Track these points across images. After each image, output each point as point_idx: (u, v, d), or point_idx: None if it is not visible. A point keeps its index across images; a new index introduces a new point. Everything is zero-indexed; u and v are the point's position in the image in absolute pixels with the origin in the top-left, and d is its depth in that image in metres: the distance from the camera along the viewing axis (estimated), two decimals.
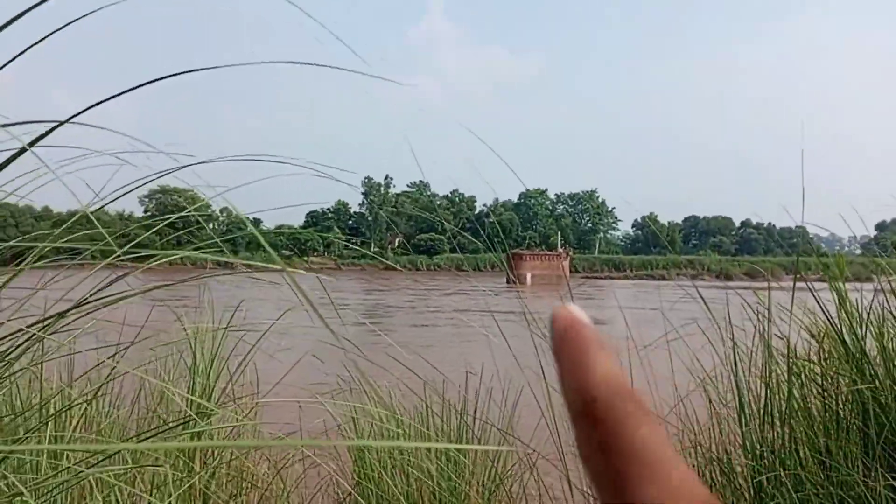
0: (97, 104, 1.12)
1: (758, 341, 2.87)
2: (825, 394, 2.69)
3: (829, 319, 2.76)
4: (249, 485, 3.07)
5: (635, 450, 0.26)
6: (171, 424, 2.74)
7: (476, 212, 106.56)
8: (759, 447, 2.65)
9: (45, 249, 1.52)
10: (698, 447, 2.89)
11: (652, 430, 0.27)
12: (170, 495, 2.41)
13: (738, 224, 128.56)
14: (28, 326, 1.36)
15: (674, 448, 0.27)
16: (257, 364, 3.14)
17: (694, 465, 2.88)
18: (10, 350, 1.41)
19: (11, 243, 1.46)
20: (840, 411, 2.64)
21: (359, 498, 3.03)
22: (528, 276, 61.97)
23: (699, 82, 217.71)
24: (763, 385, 2.72)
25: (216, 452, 2.89)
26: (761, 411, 2.69)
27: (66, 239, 1.53)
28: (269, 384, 3.20)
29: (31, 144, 1.18)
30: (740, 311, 3.07)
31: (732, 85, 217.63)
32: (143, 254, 1.48)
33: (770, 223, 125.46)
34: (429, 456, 3.09)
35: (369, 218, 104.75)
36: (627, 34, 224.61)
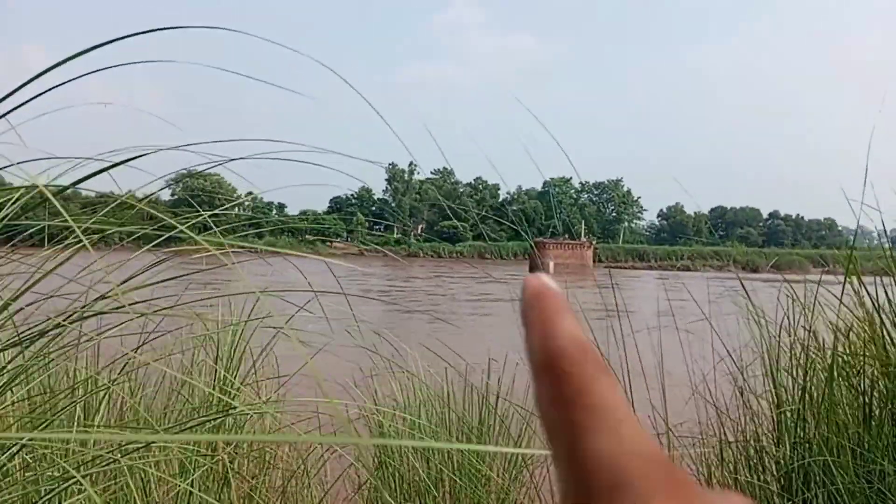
0: (76, 55, 1.11)
1: (788, 333, 2.83)
2: (859, 385, 2.65)
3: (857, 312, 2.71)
4: (270, 465, 3.11)
5: (593, 403, 0.26)
6: (196, 407, 2.78)
7: (500, 200, 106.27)
8: (793, 436, 2.62)
9: (76, 232, 1.53)
10: (725, 435, 2.86)
11: (610, 387, 0.27)
12: (192, 474, 2.45)
13: (765, 215, 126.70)
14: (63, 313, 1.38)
15: (628, 405, 0.27)
16: (280, 351, 3.17)
17: (721, 453, 2.86)
18: (52, 329, 1.43)
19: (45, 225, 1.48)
20: (871, 402, 2.60)
21: (379, 484, 3.05)
22: (551, 264, 61.67)
23: (729, 70, 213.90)
24: (802, 373, 2.68)
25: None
26: (795, 401, 2.66)
27: (93, 221, 1.55)
28: (292, 370, 3.22)
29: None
30: (770, 303, 3.03)
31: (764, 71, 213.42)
32: (165, 236, 1.49)
33: (799, 215, 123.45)
34: (450, 441, 3.10)
35: (393, 204, 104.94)
36: (658, 21, 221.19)
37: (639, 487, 0.24)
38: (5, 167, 1.32)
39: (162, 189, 1.70)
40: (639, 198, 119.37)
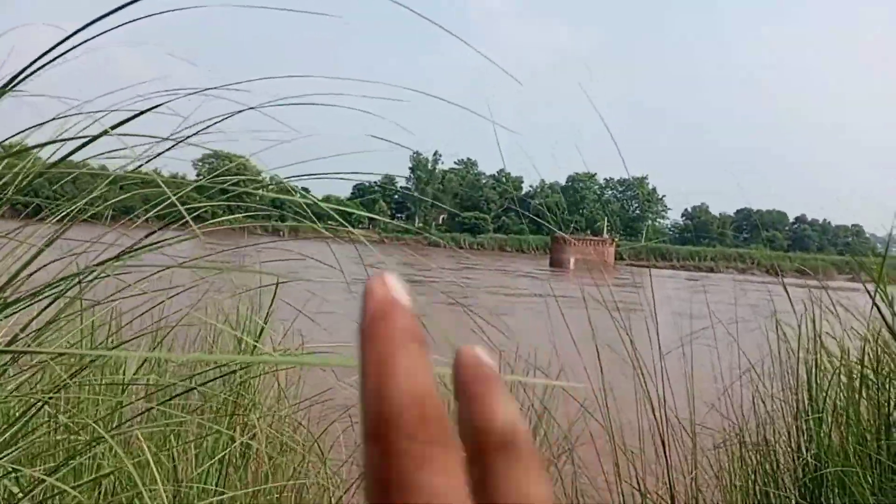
0: (94, 21, 1.11)
1: (812, 339, 2.79)
2: (880, 394, 2.61)
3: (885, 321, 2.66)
4: (288, 447, 3.13)
5: (399, 362, 0.24)
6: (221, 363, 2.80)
7: (522, 192, 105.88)
8: (813, 445, 2.59)
9: (101, 207, 1.56)
10: (743, 443, 2.84)
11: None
12: (210, 457, 2.49)
13: (792, 219, 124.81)
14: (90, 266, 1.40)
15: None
16: (301, 330, 3.19)
17: (739, 459, 2.84)
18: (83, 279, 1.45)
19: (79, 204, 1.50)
20: (892, 412, 2.56)
21: None
22: (572, 260, 61.30)
23: (764, 70, 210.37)
24: (824, 380, 2.65)
25: (258, 419, 2.96)
26: (817, 409, 2.63)
27: (121, 199, 1.57)
28: (311, 348, 3.24)
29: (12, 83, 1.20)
30: (793, 309, 2.99)
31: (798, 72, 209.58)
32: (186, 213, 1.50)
33: (826, 220, 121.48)
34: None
35: (415, 193, 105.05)
36: (693, 14, 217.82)
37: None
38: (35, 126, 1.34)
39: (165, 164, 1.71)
40: (663, 196, 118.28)
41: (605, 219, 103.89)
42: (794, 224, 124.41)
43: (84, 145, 1.31)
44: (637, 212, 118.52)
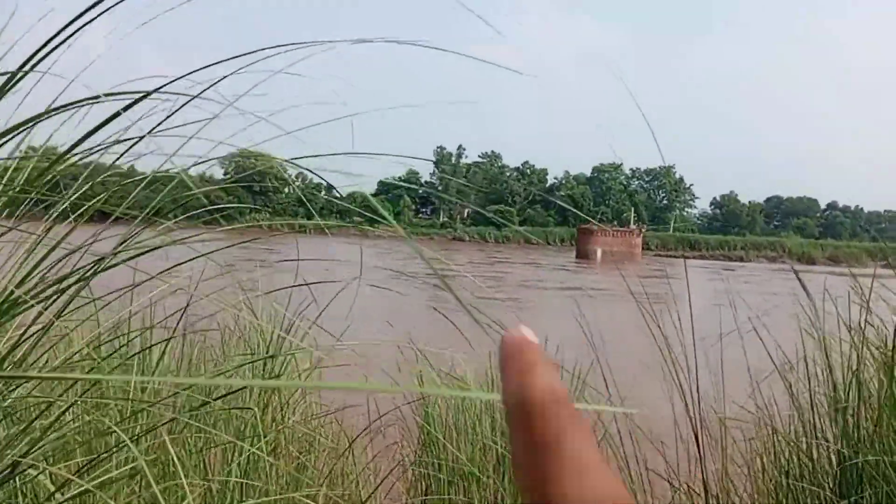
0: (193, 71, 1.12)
1: (846, 327, 2.73)
2: None
3: None
4: (315, 446, 3.16)
5: (561, 452, 0.28)
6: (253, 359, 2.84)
7: (547, 185, 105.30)
8: (848, 434, 2.54)
9: (128, 207, 1.57)
10: (776, 433, 2.79)
11: (582, 436, 0.29)
12: (240, 455, 2.51)
13: (823, 206, 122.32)
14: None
15: (599, 453, 0.28)
16: (327, 328, 3.21)
17: (773, 447, 2.79)
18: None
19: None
20: None
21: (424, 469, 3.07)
22: (598, 252, 60.91)
23: (796, 60, 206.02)
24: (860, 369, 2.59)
25: (285, 416, 2.99)
26: (852, 397, 2.58)
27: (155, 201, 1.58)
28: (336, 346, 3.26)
29: (126, 109, 1.21)
30: (826, 297, 2.93)
31: (830, 62, 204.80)
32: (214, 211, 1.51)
33: (858, 206, 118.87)
34: (493, 426, 3.09)
35: (440, 188, 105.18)
36: (724, 8, 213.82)
37: None
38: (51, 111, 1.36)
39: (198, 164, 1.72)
40: (691, 185, 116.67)
41: (632, 209, 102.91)
42: (826, 211, 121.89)
43: (127, 149, 1.32)
44: (664, 202, 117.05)
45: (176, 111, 1.31)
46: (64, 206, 1.46)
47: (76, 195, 1.47)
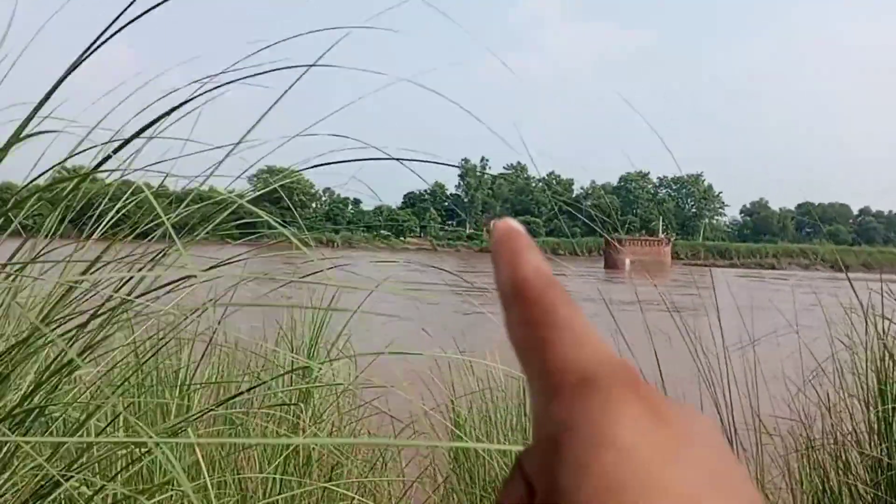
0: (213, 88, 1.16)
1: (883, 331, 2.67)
2: None
3: None
4: (348, 457, 3.17)
5: (558, 322, 0.29)
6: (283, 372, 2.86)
7: (574, 195, 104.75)
8: (886, 437, 2.48)
9: (162, 225, 1.61)
10: (812, 442, 2.73)
11: (574, 312, 0.29)
12: (277, 456, 2.54)
13: (856, 212, 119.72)
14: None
15: (592, 327, 0.29)
16: (356, 345, 3.24)
17: (809, 449, 2.73)
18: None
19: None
20: None
21: (455, 480, 3.06)
22: (627, 261, 60.21)
23: (819, 65, 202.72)
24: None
25: (320, 421, 3.01)
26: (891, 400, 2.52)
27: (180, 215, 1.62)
28: (366, 362, 3.28)
29: (148, 126, 1.24)
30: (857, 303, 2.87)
31: (856, 67, 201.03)
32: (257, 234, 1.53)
33: (891, 211, 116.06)
34: (526, 439, 3.07)
35: (465, 200, 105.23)
36: (749, 11, 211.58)
37: (602, 380, 0.26)
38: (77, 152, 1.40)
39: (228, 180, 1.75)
40: (720, 193, 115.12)
41: (660, 218, 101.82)
42: (859, 217, 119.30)
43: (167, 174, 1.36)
44: (693, 210, 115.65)
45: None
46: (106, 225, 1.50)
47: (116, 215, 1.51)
